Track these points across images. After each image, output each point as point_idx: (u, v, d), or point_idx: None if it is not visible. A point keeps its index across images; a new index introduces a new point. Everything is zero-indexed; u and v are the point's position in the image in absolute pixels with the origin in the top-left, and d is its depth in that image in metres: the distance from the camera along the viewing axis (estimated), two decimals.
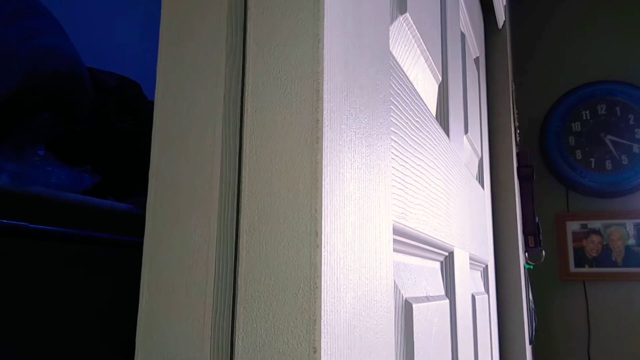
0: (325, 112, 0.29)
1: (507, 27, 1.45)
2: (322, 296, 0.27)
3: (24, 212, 0.65)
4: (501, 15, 1.35)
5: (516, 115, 1.50)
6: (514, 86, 1.52)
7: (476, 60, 1.20)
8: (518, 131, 1.53)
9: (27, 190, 0.67)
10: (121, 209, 0.79)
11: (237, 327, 0.29)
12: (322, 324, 0.27)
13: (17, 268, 0.63)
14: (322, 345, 0.27)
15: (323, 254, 0.28)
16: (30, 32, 0.82)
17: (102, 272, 0.74)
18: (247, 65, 0.32)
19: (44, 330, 0.65)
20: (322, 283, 0.27)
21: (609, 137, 1.95)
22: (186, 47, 0.33)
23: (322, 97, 0.29)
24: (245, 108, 0.31)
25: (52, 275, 0.67)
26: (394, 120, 0.45)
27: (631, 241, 1.87)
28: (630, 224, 1.88)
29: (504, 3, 1.42)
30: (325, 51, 0.30)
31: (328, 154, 0.29)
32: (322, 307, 0.27)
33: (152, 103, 1.10)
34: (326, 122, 0.29)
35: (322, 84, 0.29)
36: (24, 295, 0.63)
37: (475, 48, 1.18)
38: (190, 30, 0.33)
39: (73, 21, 0.94)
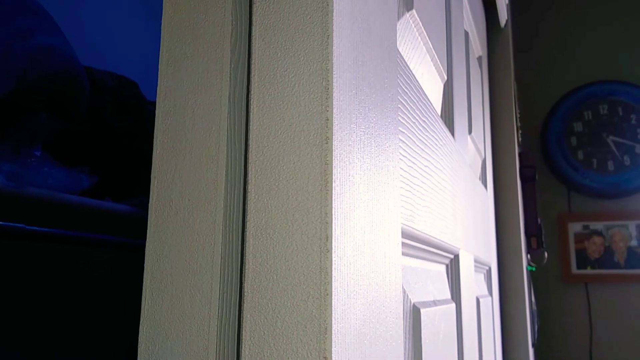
0: (335, 110, 0.28)
1: (509, 26, 1.44)
2: (333, 303, 0.26)
3: (21, 213, 0.64)
4: (504, 14, 1.34)
5: (518, 115, 1.49)
6: (516, 85, 1.51)
7: (479, 59, 1.19)
8: (520, 131, 1.51)
9: (24, 191, 0.66)
10: (119, 210, 0.78)
11: (243, 335, 0.27)
12: (333, 332, 0.26)
13: (14, 270, 0.62)
14: (332, 354, 0.25)
15: (333, 259, 0.26)
16: (26, 32, 0.80)
17: (100, 274, 0.73)
18: (252, 62, 0.30)
19: (42, 333, 0.64)
20: (333, 289, 0.26)
21: (611, 137, 1.93)
22: (189, 44, 0.31)
23: (332, 95, 0.28)
24: (251, 107, 0.30)
25: (49, 277, 0.66)
26: (402, 120, 0.44)
27: (633, 242, 1.86)
28: (632, 225, 1.87)
29: (507, 2, 1.40)
30: (334, 47, 0.28)
31: (338, 155, 0.28)
32: (333, 314, 0.26)
33: (150, 103, 1.09)
34: (336, 121, 0.28)
35: (332, 82, 0.28)
36: (21, 298, 0.62)
37: (478, 47, 1.17)
38: (193, 27, 0.31)
39: (69, 19, 0.93)
